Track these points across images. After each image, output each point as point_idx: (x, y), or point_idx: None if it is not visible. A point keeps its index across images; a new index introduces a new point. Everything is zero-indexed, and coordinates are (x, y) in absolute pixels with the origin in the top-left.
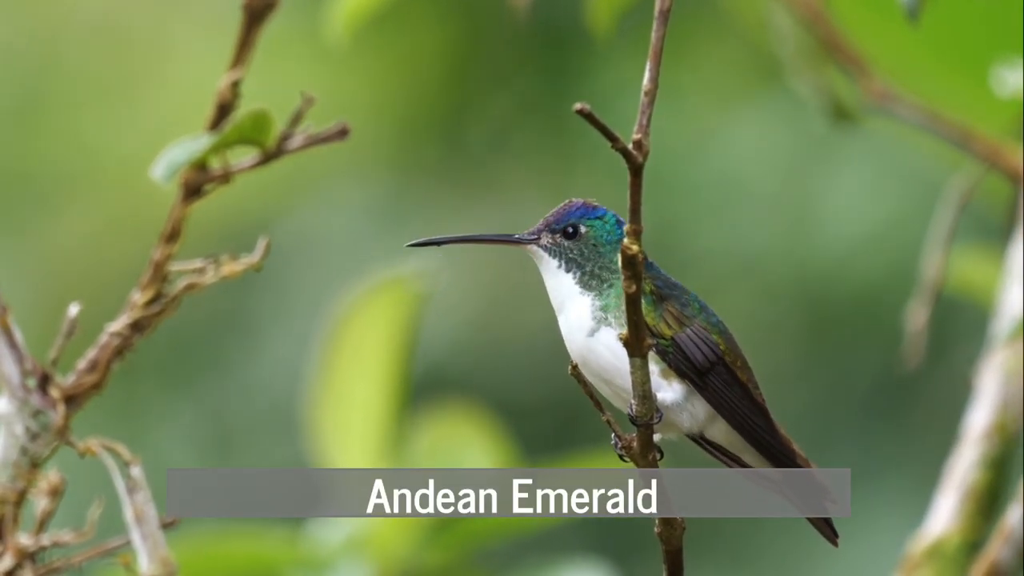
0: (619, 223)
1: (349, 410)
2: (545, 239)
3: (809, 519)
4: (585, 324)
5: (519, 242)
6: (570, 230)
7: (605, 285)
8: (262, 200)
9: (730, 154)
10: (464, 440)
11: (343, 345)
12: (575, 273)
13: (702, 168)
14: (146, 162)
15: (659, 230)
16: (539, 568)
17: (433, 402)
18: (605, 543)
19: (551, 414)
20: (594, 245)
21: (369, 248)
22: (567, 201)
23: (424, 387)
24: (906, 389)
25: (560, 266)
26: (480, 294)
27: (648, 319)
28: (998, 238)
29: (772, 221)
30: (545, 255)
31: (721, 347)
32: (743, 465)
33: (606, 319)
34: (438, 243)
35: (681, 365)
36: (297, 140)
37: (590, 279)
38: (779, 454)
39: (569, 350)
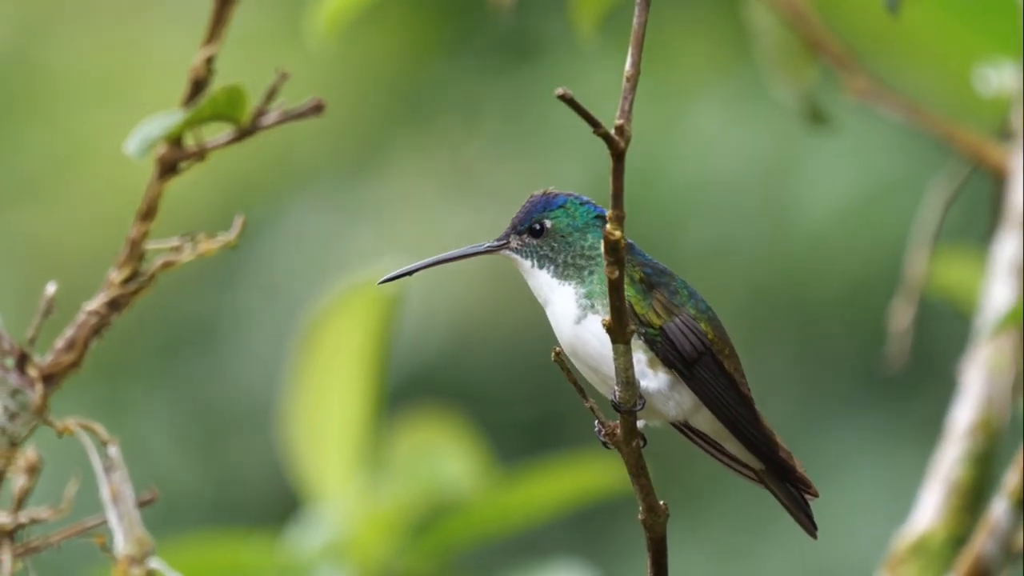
0: (584, 204)
1: (325, 417)
2: (514, 242)
3: (788, 510)
4: (571, 313)
5: (489, 251)
6: (536, 227)
7: (586, 272)
8: (247, 203)
9: (712, 151)
10: (442, 445)
11: (317, 351)
12: (548, 268)
13: (685, 166)
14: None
15: (649, 229)
16: (520, 571)
17: (410, 406)
18: (588, 545)
19: (536, 408)
20: (562, 236)
21: (353, 244)
22: (529, 197)
23: (402, 389)
24: (891, 385)
25: (534, 265)
26: (461, 290)
27: (637, 308)
28: (981, 235)
29: (756, 213)
30: (518, 257)
31: (709, 336)
32: (726, 454)
33: (592, 306)
34: (411, 272)
35: (669, 355)
36: (272, 116)
37: (565, 269)
38: (761, 445)
39: (560, 341)
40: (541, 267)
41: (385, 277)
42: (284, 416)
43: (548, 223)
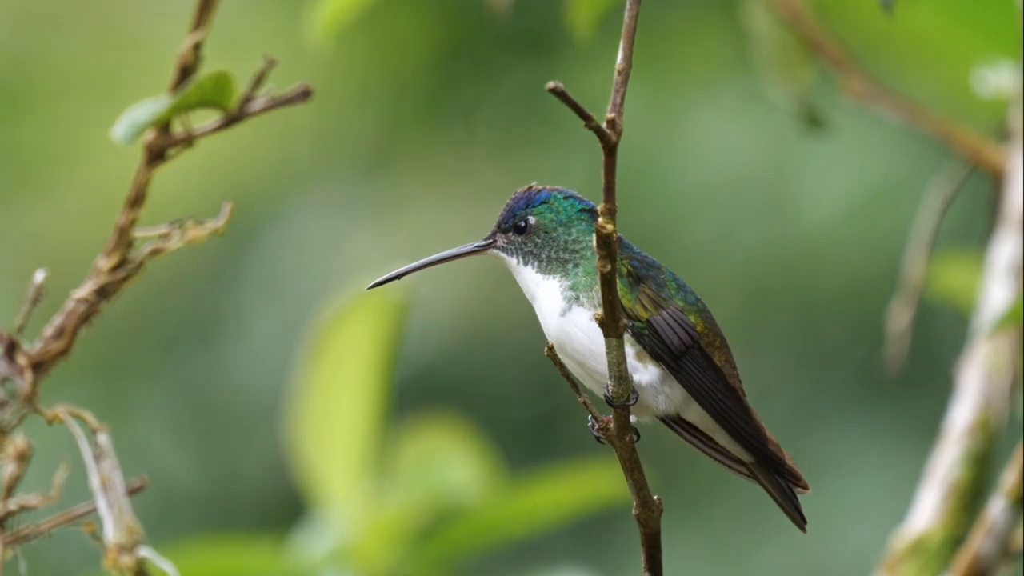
0: (568, 198)
1: (331, 422)
2: (500, 240)
3: (778, 503)
4: (556, 305)
5: (477, 251)
6: (521, 224)
7: (570, 265)
8: (249, 202)
9: (712, 151)
10: (447, 451)
11: (325, 357)
12: (533, 264)
13: (684, 166)
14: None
15: (649, 228)
16: None
17: (410, 407)
18: (588, 548)
19: (535, 407)
20: (546, 232)
21: (354, 243)
22: (513, 194)
23: (414, 392)
24: (889, 385)
25: (519, 262)
26: (464, 293)
27: (624, 301)
28: (979, 236)
29: (756, 214)
30: (504, 255)
31: (698, 328)
32: (717, 447)
33: (577, 299)
34: (399, 276)
35: (656, 348)
36: (259, 103)
37: (549, 264)
38: (751, 438)
39: (547, 336)
40: (527, 264)
41: (373, 282)
42: (290, 421)
43: (532, 219)
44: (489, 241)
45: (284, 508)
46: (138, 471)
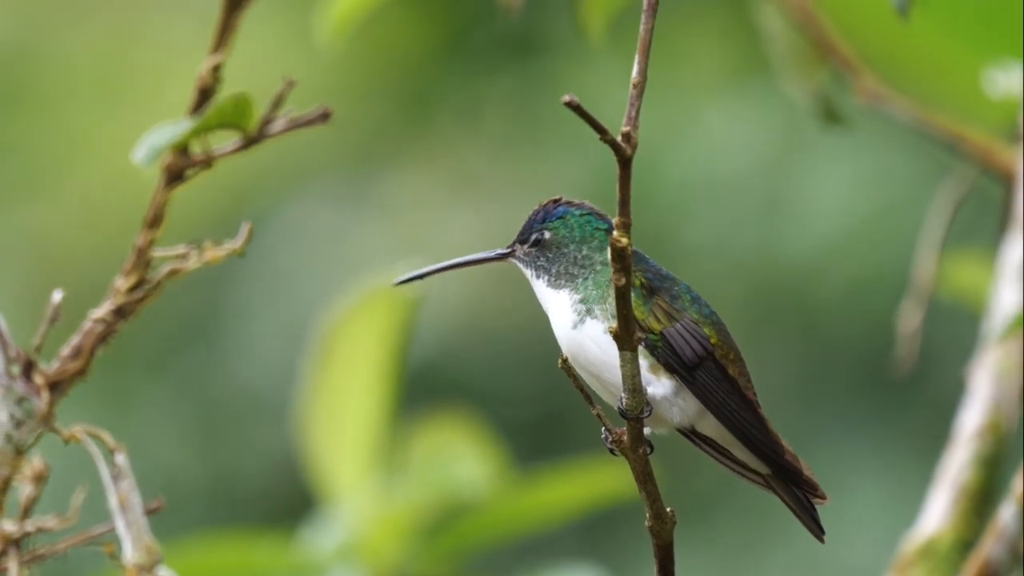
0: (586, 215)
1: (341, 418)
2: (519, 251)
3: (796, 514)
4: (567, 318)
5: (499, 258)
6: (535, 238)
7: (579, 280)
8: (251, 197)
9: (716, 150)
10: (457, 447)
11: (335, 352)
12: (544, 278)
13: (688, 164)
14: (132, 150)
15: (653, 228)
16: (534, 573)
17: (427, 407)
18: (600, 548)
19: (540, 408)
20: (557, 247)
21: (355, 240)
22: (542, 204)
23: (418, 388)
24: (898, 388)
25: (533, 274)
26: (473, 290)
27: (637, 313)
28: (990, 238)
29: (758, 216)
30: (521, 266)
31: (712, 340)
32: (733, 459)
33: (590, 311)
34: (423, 276)
35: (670, 360)
36: (279, 124)
37: (558, 279)
38: (767, 450)
39: (561, 348)
40: (539, 277)
41: (399, 280)
42: (299, 416)
43: (547, 234)
44: (510, 250)
45: (292, 504)
46: (144, 468)
